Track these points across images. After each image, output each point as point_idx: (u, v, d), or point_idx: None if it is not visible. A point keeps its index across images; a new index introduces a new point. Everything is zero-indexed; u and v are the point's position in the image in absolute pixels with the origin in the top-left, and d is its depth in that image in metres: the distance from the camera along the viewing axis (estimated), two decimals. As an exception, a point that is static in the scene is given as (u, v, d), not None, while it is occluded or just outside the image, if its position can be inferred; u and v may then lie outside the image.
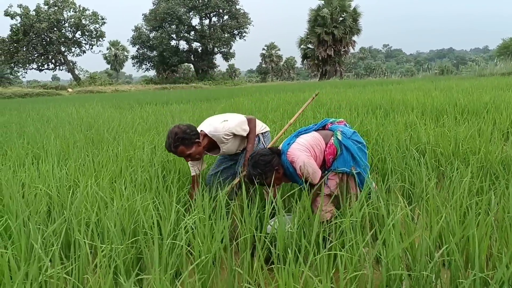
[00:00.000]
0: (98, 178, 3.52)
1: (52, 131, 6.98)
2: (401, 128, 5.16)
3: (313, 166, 2.69)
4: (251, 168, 2.71)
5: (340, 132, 2.89)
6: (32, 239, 2.15)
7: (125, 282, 1.77)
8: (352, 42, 49.99)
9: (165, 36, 52.57)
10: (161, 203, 2.78)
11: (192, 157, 3.11)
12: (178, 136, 2.98)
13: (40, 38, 46.30)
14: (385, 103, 8.43)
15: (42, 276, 1.85)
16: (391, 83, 20.03)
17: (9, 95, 32.33)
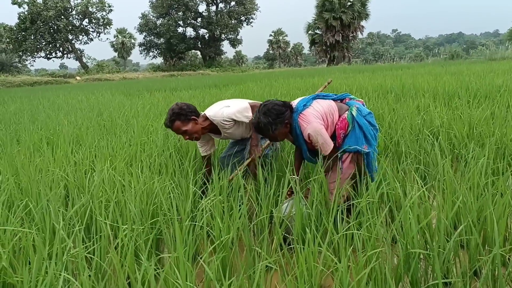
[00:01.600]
0: (114, 162, 3.56)
1: (64, 117, 7.04)
2: (413, 111, 5.14)
3: (324, 136, 2.61)
4: (262, 116, 2.62)
5: (356, 109, 2.79)
6: (54, 221, 2.19)
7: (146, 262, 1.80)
8: (361, 27, 49.50)
9: (172, 23, 52.36)
10: (178, 185, 2.81)
11: (189, 135, 3.14)
12: (174, 111, 3.08)
13: (48, 26, 46.29)
14: (396, 87, 8.38)
15: (66, 255, 1.88)
16: (401, 68, 19.85)
17: (18, 83, 32.48)
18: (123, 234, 1.97)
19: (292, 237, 2.15)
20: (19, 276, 1.84)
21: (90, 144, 4.40)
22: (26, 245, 2.01)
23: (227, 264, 1.93)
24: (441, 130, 4.09)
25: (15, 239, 2.06)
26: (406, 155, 3.50)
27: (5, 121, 7.19)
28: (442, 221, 1.83)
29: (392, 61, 54.58)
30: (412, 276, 1.73)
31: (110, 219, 2.26)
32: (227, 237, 1.93)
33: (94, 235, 2.29)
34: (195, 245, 2.06)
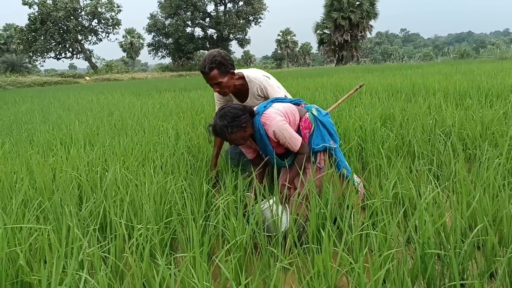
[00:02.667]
0: (126, 162, 3.57)
1: (75, 117, 7.09)
2: (425, 111, 5.11)
3: (289, 130, 2.60)
4: (218, 119, 2.59)
5: (315, 109, 2.84)
6: (69, 221, 2.20)
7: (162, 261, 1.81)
8: (369, 26, 49.36)
9: (180, 23, 52.58)
10: (190, 185, 2.82)
11: (221, 88, 2.97)
12: (216, 58, 2.86)
13: (58, 26, 46.67)
14: (406, 87, 8.34)
15: (83, 254, 1.90)
16: (410, 68, 19.75)
17: (29, 83, 32.75)
18: (138, 233, 1.98)
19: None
20: (36, 275, 1.85)
21: (102, 144, 4.42)
22: (41, 244, 2.03)
23: (242, 264, 1.93)
24: (453, 130, 4.06)
25: (31, 238, 2.08)
26: (419, 155, 3.49)
27: (17, 121, 7.25)
28: (458, 221, 1.82)
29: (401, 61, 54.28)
30: (428, 277, 1.72)
31: (124, 219, 2.27)
32: (242, 237, 1.93)
33: (108, 235, 2.31)
34: (210, 245, 2.06)
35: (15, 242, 2.05)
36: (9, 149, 4.38)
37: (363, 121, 4.64)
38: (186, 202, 2.31)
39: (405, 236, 1.86)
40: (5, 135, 5.54)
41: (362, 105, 6.03)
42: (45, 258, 1.98)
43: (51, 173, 3.31)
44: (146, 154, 3.92)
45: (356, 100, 6.80)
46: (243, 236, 1.96)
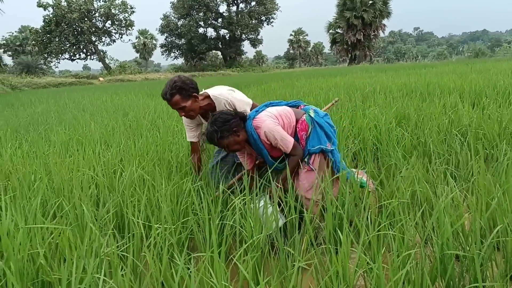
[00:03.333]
0: (142, 162, 3.60)
1: (90, 118, 7.16)
2: (440, 111, 5.06)
3: (280, 131, 2.58)
4: (209, 125, 2.60)
5: (313, 111, 2.81)
6: (88, 220, 2.23)
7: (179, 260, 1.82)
8: (382, 25, 49.03)
9: (193, 23, 52.73)
10: (207, 185, 2.83)
11: (186, 112, 2.96)
12: (176, 84, 2.87)
13: (72, 28, 47.14)
14: (420, 86, 8.26)
15: (103, 254, 1.92)
16: (424, 67, 19.57)
17: (44, 84, 33.11)
18: (156, 232, 1.99)
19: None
20: (57, 274, 1.88)
21: (118, 144, 4.46)
22: (61, 243, 2.05)
23: (259, 264, 1.94)
24: (470, 130, 4.02)
25: (50, 238, 2.11)
26: (435, 155, 3.46)
27: (33, 122, 7.35)
28: (478, 222, 1.80)
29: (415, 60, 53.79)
30: (448, 278, 1.71)
31: (142, 218, 2.28)
32: (259, 237, 1.93)
33: (126, 234, 2.33)
34: (227, 245, 2.07)
35: (35, 241, 2.08)
36: (26, 150, 4.44)
37: (377, 121, 4.61)
38: (203, 202, 2.33)
39: (424, 236, 1.84)
40: (22, 135, 5.61)
41: (376, 105, 6.00)
42: (64, 258, 2.00)
43: (68, 174, 3.35)
44: (161, 154, 3.94)
45: (370, 100, 6.77)
46: (260, 235, 1.96)
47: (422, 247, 1.74)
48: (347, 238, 1.78)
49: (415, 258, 1.88)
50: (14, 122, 7.37)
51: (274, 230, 2.20)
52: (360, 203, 2.60)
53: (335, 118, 4.75)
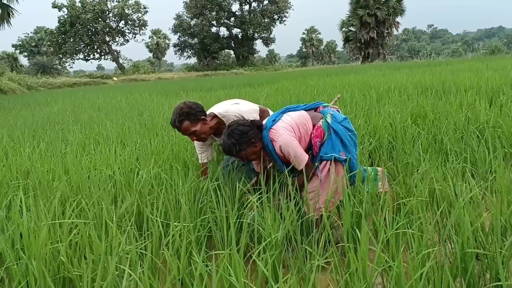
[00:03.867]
0: (158, 161, 3.63)
1: (105, 117, 7.23)
2: (456, 109, 5.01)
3: (296, 148, 2.49)
4: (226, 137, 2.55)
5: (330, 115, 2.70)
6: (107, 218, 2.25)
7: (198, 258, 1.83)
8: (396, 23, 48.63)
9: (205, 23, 52.90)
10: (224, 184, 2.84)
11: (197, 136, 2.99)
12: (183, 111, 2.90)
13: (86, 28, 47.63)
14: (436, 84, 8.19)
15: (123, 251, 1.94)
16: (439, 64, 19.37)
17: (59, 84, 33.50)
18: (175, 230, 2.01)
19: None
20: (77, 270, 1.90)
21: (134, 143, 4.50)
22: (81, 241, 2.08)
23: (278, 262, 1.94)
24: (488, 128, 3.97)
25: (70, 235, 2.14)
26: (451, 153, 3.43)
27: (50, 121, 7.44)
28: (499, 220, 1.78)
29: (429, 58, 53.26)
30: (469, 277, 1.70)
31: (160, 217, 2.30)
32: (277, 236, 1.94)
33: (144, 231, 2.35)
34: (245, 243, 2.08)
35: (56, 239, 2.11)
36: (44, 149, 4.50)
37: (393, 119, 4.59)
38: (220, 200, 2.34)
39: (444, 235, 1.83)
40: (40, 135, 5.69)
41: (391, 103, 5.96)
42: (85, 255, 2.03)
43: (86, 172, 3.39)
44: (177, 153, 3.97)
45: (385, 98, 6.73)
46: (278, 234, 1.96)
47: (442, 245, 1.73)
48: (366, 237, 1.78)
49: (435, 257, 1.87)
50: (31, 122, 7.48)
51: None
52: (377, 201, 2.59)
53: (350, 117, 4.73)
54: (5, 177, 3.33)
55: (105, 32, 49.75)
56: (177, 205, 2.60)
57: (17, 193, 2.93)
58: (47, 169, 3.49)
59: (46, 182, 3.14)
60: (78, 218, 2.45)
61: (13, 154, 4.30)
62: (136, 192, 2.81)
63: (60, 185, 2.88)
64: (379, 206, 2.40)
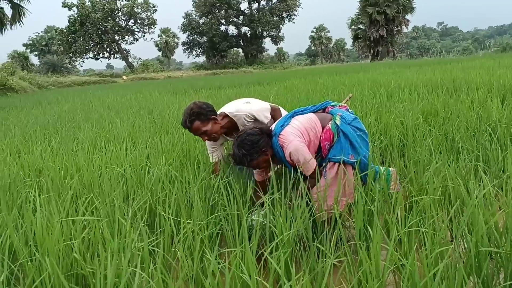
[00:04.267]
0: (168, 159, 3.64)
1: (116, 116, 7.27)
2: (468, 106, 4.97)
3: (305, 154, 2.47)
4: (236, 148, 2.52)
5: (340, 117, 2.65)
6: (119, 216, 2.26)
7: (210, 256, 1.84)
8: (406, 21, 48.33)
9: (214, 21, 52.95)
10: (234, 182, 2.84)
11: (208, 135, 2.99)
12: (193, 111, 2.90)
13: (96, 27, 47.91)
14: (447, 82, 8.12)
15: (135, 249, 1.95)
16: (449, 62, 19.22)
17: (69, 83, 33.77)
18: (187, 227, 2.02)
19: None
20: (90, 267, 1.92)
21: (144, 141, 4.52)
22: (94, 238, 2.10)
23: (290, 260, 1.94)
24: (500, 126, 3.94)
25: (83, 232, 2.15)
26: (463, 151, 3.40)
27: (61, 119, 7.50)
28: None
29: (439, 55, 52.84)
30: (483, 276, 1.68)
31: (172, 214, 2.31)
32: (289, 233, 1.94)
33: (156, 229, 2.36)
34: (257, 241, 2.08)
35: (69, 236, 2.13)
36: (56, 147, 4.53)
37: (404, 117, 4.56)
38: (231, 198, 2.34)
39: (459, 233, 1.82)
40: (51, 133, 5.74)
41: (401, 101, 5.93)
42: (97, 252, 2.04)
43: (97, 170, 3.41)
44: (187, 151, 3.98)
45: (395, 96, 6.69)
46: (289, 232, 1.96)
47: (456, 244, 1.72)
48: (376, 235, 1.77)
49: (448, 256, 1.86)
50: (43, 120, 7.54)
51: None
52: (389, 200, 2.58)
53: (360, 115, 4.71)
54: (18, 175, 3.36)
55: (115, 31, 50.02)
56: (188, 203, 2.61)
57: (29, 190, 2.96)
58: (59, 167, 3.52)
59: (59, 180, 3.16)
60: (90, 215, 2.47)
61: (25, 152, 4.34)
62: (148, 190, 2.82)
63: (72, 183, 2.90)
64: (390, 204, 2.39)
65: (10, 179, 3.15)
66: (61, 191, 2.93)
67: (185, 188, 2.71)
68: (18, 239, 1.98)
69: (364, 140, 2.68)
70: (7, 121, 7.73)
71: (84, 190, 2.98)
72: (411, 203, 2.42)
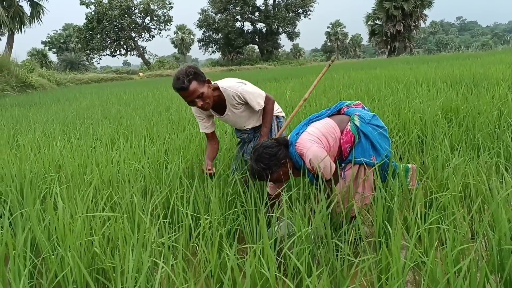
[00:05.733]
0: (186, 155, 3.66)
1: (133, 112, 7.34)
2: (488, 102, 4.89)
3: (325, 161, 2.36)
4: (254, 163, 2.41)
5: (358, 117, 2.54)
6: (139, 211, 2.29)
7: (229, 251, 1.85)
8: (423, 16, 47.66)
9: (230, 18, 53.03)
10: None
11: (204, 100, 2.78)
12: (189, 70, 2.72)
13: (113, 25, 48.37)
14: (466, 77, 8.00)
15: (156, 243, 1.97)
16: (468, 57, 18.91)
17: (87, 80, 34.16)
18: (205, 223, 2.03)
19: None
20: (110, 262, 1.94)
21: (162, 138, 4.55)
22: (114, 233, 2.12)
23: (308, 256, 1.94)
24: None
25: (103, 227, 2.18)
26: (484, 147, 3.35)
27: (79, 116, 7.60)
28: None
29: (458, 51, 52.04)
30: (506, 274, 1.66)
31: (190, 210, 2.33)
32: (308, 230, 1.93)
33: (175, 224, 2.39)
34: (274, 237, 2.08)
35: (90, 231, 2.16)
36: (76, 143, 4.60)
37: (422, 113, 4.51)
38: (248, 194, 2.35)
39: (482, 231, 1.79)
40: (71, 129, 5.82)
41: (419, 97, 5.86)
42: (118, 247, 2.07)
43: (116, 166, 3.45)
44: (205, 147, 3.99)
45: (413, 92, 6.62)
46: (308, 228, 1.96)
47: (479, 241, 1.70)
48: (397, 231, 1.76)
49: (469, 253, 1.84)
50: (62, 117, 7.65)
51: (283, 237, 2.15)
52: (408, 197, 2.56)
53: (378, 112, 4.67)
54: (39, 170, 3.42)
55: (131, 28, 50.42)
56: (206, 198, 2.62)
57: (50, 186, 3.01)
58: (78, 162, 3.57)
59: (78, 175, 3.21)
60: (109, 211, 2.50)
61: (46, 147, 4.40)
62: (166, 186, 2.85)
63: (92, 178, 2.94)
64: (410, 201, 2.37)
65: (32, 175, 3.21)
66: (81, 187, 2.97)
67: (203, 184, 2.72)
68: (40, 234, 2.02)
69: (384, 136, 2.61)
70: (28, 117, 7.85)
71: (103, 186, 3.01)
72: (431, 200, 2.39)
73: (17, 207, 2.61)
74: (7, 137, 5.31)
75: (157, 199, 2.52)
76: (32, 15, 31.30)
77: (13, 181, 3.08)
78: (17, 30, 30.50)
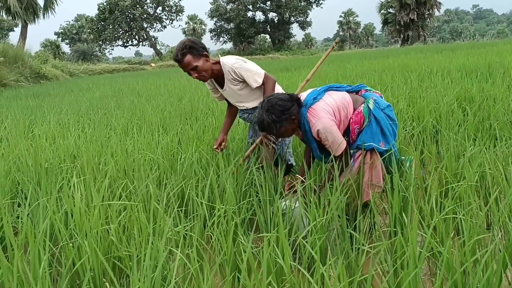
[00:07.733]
0: (199, 145, 3.67)
1: (146, 102, 7.38)
2: (504, 91, 4.82)
3: (335, 133, 2.34)
4: (264, 113, 2.35)
5: (373, 101, 2.51)
6: (154, 201, 2.31)
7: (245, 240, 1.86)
8: (437, 4, 47.00)
9: (241, 7, 52.74)
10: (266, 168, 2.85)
11: (198, 72, 2.89)
12: (186, 44, 2.85)
13: (125, 15, 48.48)
14: (481, 66, 7.88)
15: (171, 232, 1.99)
16: (483, 46, 18.62)
17: (99, 71, 34.34)
18: (221, 211, 2.04)
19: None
20: (126, 250, 1.97)
21: (175, 128, 4.57)
22: (130, 222, 2.15)
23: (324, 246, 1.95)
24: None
25: (119, 217, 2.20)
26: (501, 137, 3.31)
27: (92, 106, 7.65)
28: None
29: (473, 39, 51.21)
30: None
31: (205, 199, 2.34)
32: (322, 219, 1.94)
33: (189, 213, 2.40)
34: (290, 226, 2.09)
35: (106, 219, 2.19)
36: (90, 133, 4.64)
37: (437, 102, 4.47)
38: (263, 184, 2.35)
39: (499, 222, 1.78)
40: (85, 120, 5.87)
41: (434, 86, 5.80)
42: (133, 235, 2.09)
43: (131, 156, 3.47)
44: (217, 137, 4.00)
45: (427, 81, 6.54)
46: (322, 218, 1.96)
47: (496, 231, 1.69)
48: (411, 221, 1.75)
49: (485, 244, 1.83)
50: (76, 107, 7.71)
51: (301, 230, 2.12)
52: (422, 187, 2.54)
53: (392, 101, 4.63)
54: (54, 160, 3.46)
55: (143, 19, 50.49)
56: (219, 188, 2.63)
57: (66, 175, 3.05)
58: (93, 152, 3.60)
59: (95, 166, 3.24)
60: (125, 200, 2.52)
61: (61, 138, 4.45)
62: (180, 176, 2.86)
63: (108, 168, 2.97)
64: (425, 191, 2.35)
65: (48, 164, 3.25)
66: (96, 176, 3.00)
67: (217, 173, 2.73)
68: (58, 222, 2.05)
69: (393, 131, 2.57)
70: (42, 108, 7.93)
71: (118, 175, 3.04)
72: (446, 190, 2.37)
73: (35, 196, 2.65)
74: (23, 128, 5.37)
75: (172, 190, 2.53)
76: (45, 6, 31.49)
77: (30, 170, 3.12)
78: (31, 21, 30.75)
